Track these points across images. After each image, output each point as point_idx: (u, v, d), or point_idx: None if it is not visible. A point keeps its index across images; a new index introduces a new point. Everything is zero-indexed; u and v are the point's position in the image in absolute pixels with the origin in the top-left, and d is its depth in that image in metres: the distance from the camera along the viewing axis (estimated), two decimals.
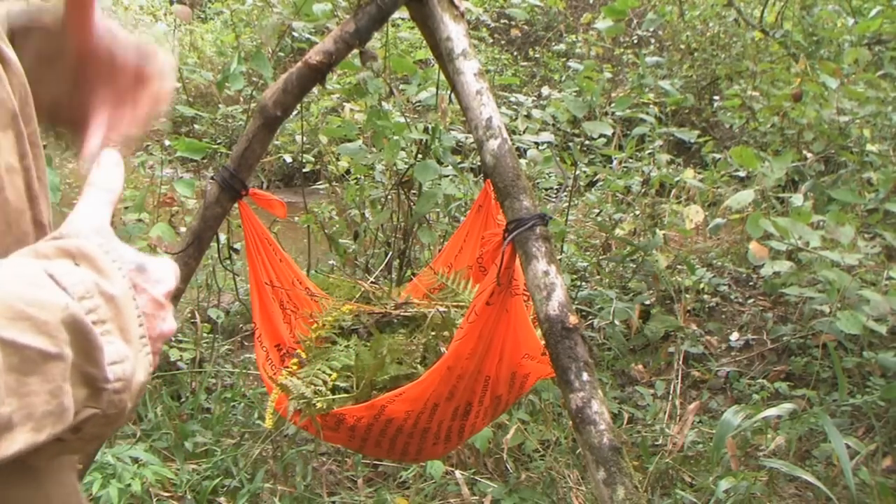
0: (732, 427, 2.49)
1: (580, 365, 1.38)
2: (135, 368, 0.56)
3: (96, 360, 0.53)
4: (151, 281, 0.61)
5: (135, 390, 0.57)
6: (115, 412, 0.55)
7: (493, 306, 1.55)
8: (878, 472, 2.56)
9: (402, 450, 1.76)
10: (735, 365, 3.55)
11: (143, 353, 0.58)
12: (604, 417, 1.35)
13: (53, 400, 0.50)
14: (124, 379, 0.55)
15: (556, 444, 2.72)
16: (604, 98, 3.49)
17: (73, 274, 0.54)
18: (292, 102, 1.90)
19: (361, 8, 1.82)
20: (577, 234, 4.47)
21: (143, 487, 2.24)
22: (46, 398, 0.49)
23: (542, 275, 1.44)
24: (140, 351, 0.57)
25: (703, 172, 4.06)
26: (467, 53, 1.69)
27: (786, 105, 3.73)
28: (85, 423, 0.53)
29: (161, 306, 0.61)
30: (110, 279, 0.56)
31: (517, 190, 1.53)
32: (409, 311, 1.95)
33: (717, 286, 4.12)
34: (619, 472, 1.30)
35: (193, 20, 8.06)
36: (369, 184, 3.62)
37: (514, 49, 7.78)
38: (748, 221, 2.37)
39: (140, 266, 0.61)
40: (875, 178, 3.36)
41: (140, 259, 0.62)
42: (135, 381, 0.56)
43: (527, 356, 1.68)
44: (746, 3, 5.57)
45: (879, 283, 2.63)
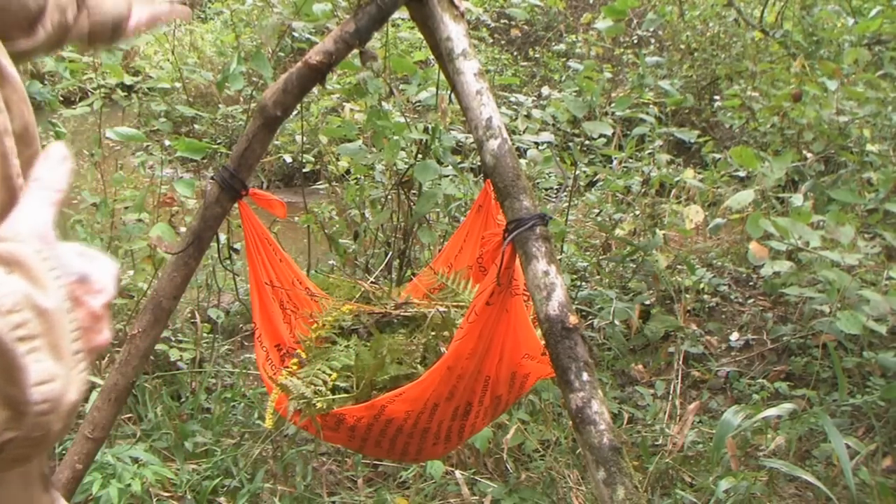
0: (732, 427, 2.49)
1: (580, 365, 1.38)
2: (66, 387, 0.52)
3: (18, 381, 0.49)
4: (93, 292, 0.58)
5: (64, 410, 0.53)
6: (40, 434, 0.52)
7: (493, 306, 1.55)
8: (878, 472, 2.56)
9: (402, 450, 1.76)
10: (735, 365, 3.55)
11: (76, 371, 0.54)
12: (604, 417, 1.35)
13: None
14: (51, 400, 0.51)
15: (556, 444, 2.72)
16: (604, 98, 3.49)
17: (3, 284, 0.50)
18: (292, 102, 1.90)
19: (361, 8, 1.82)
20: (577, 234, 4.47)
21: (143, 487, 2.24)
22: None
23: (542, 275, 1.44)
24: (73, 368, 0.54)
25: (703, 172, 4.06)
26: (467, 53, 1.69)
27: (786, 105, 3.73)
28: (6, 444, 0.50)
29: (99, 318, 0.58)
30: (45, 290, 0.53)
31: (517, 190, 1.53)
32: (409, 311, 1.95)
33: (717, 286, 4.12)
34: (619, 472, 1.30)
35: (193, 20, 8.05)
36: (369, 184, 3.62)
37: (514, 49, 7.78)
38: (748, 221, 2.37)
39: (82, 276, 0.58)
40: (875, 178, 3.36)
41: (83, 267, 0.58)
42: (65, 400, 0.52)
43: (527, 356, 1.68)
44: (746, 3, 5.57)
45: (879, 283, 2.63)
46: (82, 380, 0.55)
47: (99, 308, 0.58)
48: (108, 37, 1.23)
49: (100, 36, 1.21)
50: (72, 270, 0.57)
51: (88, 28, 1.17)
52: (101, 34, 1.21)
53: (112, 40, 1.25)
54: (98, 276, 0.59)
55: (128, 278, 3.43)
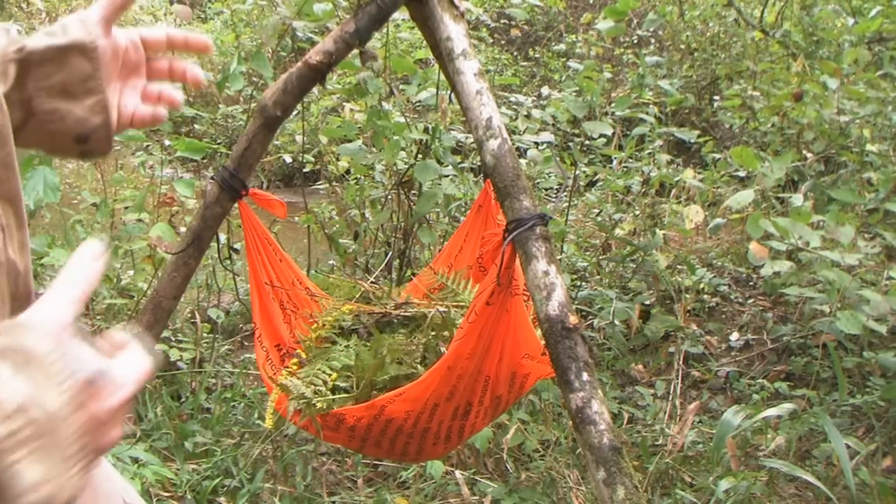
0: (732, 427, 2.49)
1: (580, 365, 1.38)
2: (58, 490, 0.52)
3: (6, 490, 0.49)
4: (106, 391, 0.57)
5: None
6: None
7: (493, 306, 1.55)
8: (878, 472, 2.56)
9: (402, 450, 1.76)
10: (735, 365, 3.55)
11: (71, 472, 0.54)
12: (604, 417, 1.35)
13: None
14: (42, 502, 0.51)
15: (556, 444, 2.71)
16: (604, 98, 3.49)
17: (7, 385, 0.50)
18: (292, 102, 1.90)
19: (361, 8, 1.82)
20: (577, 234, 4.47)
21: (143, 487, 2.24)
22: None
23: (542, 275, 1.44)
24: (67, 472, 0.54)
25: (703, 172, 4.06)
26: (467, 53, 1.69)
27: (786, 105, 3.73)
28: None
29: (106, 421, 0.57)
30: (47, 390, 0.53)
31: (517, 190, 1.53)
32: (409, 311, 1.96)
33: (717, 286, 4.12)
34: (619, 472, 1.30)
35: (193, 20, 8.06)
36: (369, 184, 3.62)
37: (514, 49, 7.78)
38: (748, 221, 2.37)
39: (95, 375, 0.57)
40: (875, 178, 3.36)
41: (97, 365, 0.57)
42: (59, 499, 0.53)
43: (527, 356, 1.68)
44: (746, 3, 5.57)
45: (879, 283, 2.63)
46: (78, 480, 0.54)
47: (111, 408, 0.57)
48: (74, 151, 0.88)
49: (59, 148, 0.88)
50: (85, 370, 0.56)
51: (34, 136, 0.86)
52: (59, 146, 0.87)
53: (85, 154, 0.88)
54: (117, 374, 0.58)
55: (128, 278, 3.44)
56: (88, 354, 0.57)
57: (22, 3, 8.36)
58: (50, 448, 0.52)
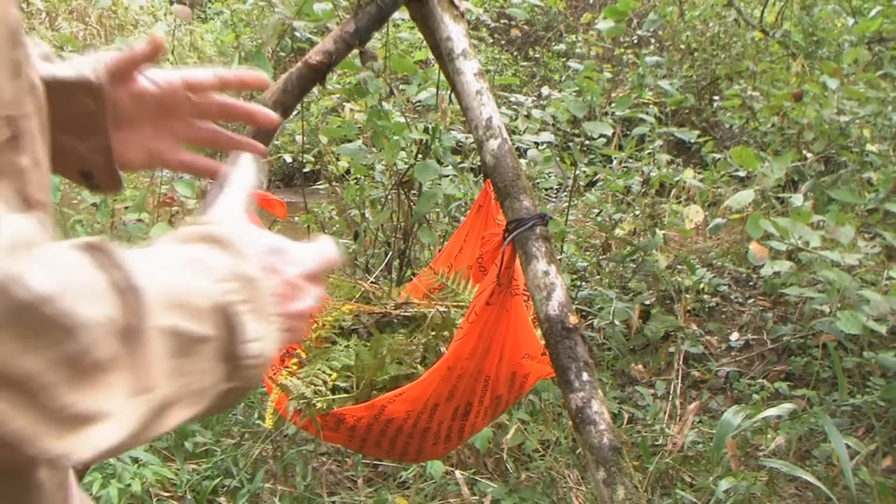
0: (732, 427, 2.49)
1: (580, 365, 1.38)
2: (268, 346, 0.60)
3: (238, 339, 0.57)
4: (287, 263, 0.66)
5: (267, 362, 0.61)
6: (247, 385, 0.59)
7: (492, 306, 1.55)
8: (878, 472, 2.56)
9: (402, 450, 1.76)
10: (735, 365, 3.55)
11: (274, 331, 0.61)
12: (604, 417, 1.35)
13: (204, 378, 0.55)
14: (259, 356, 0.59)
15: (556, 444, 2.71)
16: (604, 98, 3.49)
17: (213, 258, 0.58)
18: (292, 102, 1.90)
19: (361, 8, 1.82)
20: (577, 234, 4.47)
21: (143, 487, 2.24)
22: (198, 377, 0.54)
23: (542, 275, 1.44)
24: (272, 329, 0.61)
25: (703, 172, 4.06)
26: (467, 53, 1.69)
27: (786, 105, 3.73)
28: (225, 394, 0.58)
29: (295, 287, 0.65)
30: (246, 261, 0.60)
31: (517, 190, 1.53)
32: (409, 311, 1.95)
33: (717, 286, 4.12)
34: (619, 472, 1.30)
35: (193, 20, 8.06)
36: (369, 184, 3.62)
37: (514, 49, 7.78)
38: (748, 222, 2.37)
39: (274, 248, 0.66)
40: (875, 178, 3.36)
41: (275, 242, 0.67)
42: (268, 354, 0.60)
43: (527, 356, 1.68)
44: (746, 3, 5.57)
45: (879, 283, 2.63)
46: (278, 338, 0.62)
47: (294, 277, 0.65)
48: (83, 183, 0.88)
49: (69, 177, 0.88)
50: (264, 244, 0.65)
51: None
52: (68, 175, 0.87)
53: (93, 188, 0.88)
54: (292, 250, 0.67)
55: None
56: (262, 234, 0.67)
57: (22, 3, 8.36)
58: (258, 306, 0.59)
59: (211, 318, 0.55)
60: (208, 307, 0.54)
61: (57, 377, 0.44)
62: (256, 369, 0.59)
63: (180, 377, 0.52)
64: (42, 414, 0.44)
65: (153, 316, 0.50)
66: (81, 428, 0.46)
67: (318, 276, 0.68)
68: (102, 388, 0.47)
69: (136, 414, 0.49)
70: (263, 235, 0.67)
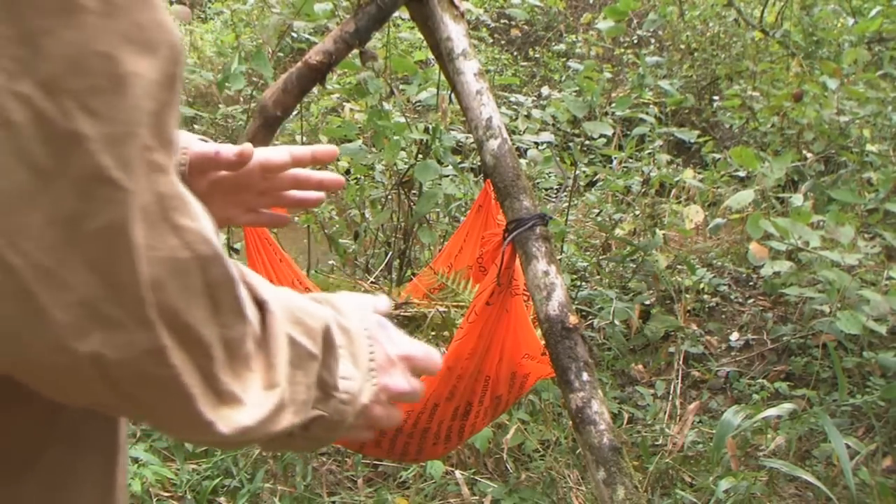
0: (732, 427, 2.49)
1: (580, 365, 1.38)
2: (360, 390, 0.64)
3: (332, 369, 0.61)
4: (388, 338, 0.70)
5: (357, 409, 0.64)
6: (337, 420, 0.62)
7: (492, 306, 1.55)
8: (878, 472, 2.56)
9: (403, 450, 1.76)
10: (735, 365, 3.55)
11: (368, 383, 0.66)
12: (604, 417, 1.35)
13: (307, 392, 0.59)
14: (350, 393, 0.63)
15: (556, 444, 2.71)
16: (604, 98, 3.49)
17: (316, 308, 0.63)
18: (292, 102, 1.91)
19: (361, 8, 1.83)
20: (577, 234, 4.47)
21: (143, 487, 2.24)
22: (304, 389, 0.58)
23: (542, 275, 1.45)
24: (366, 380, 0.66)
25: (703, 172, 4.06)
26: (467, 53, 1.70)
27: (786, 105, 3.73)
28: (313, 422, 0.61)
29: (392, 362, 0.69)
30: (347, 317, 0.66)
31: (517, 190, 1.53)
32: (410, 311, 1.96)
33: (717, 286, 4.12)
34: (619, 472, 1.30)
35: (193, 20, 8.05)
36: (369, 184, 3.62)
37: (514, 49, 7.78)
38: (748, 222, 2.37)
39: (379, 322, 0.71)
40: (875, 178, 3.36)
41: (381, 319, 0.71)
42: (359, 400, 0.64)
43: (527, 356, 1.68)
44: (746, 3, 5.57)
45: (879, 283, 2.63)
46: (372, 392, 0.66)
47: (392, 354, 0.69)
48: None
49: None
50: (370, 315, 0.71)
51: None
52: None
53: None
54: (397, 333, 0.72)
55: None
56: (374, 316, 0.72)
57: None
58: (355, 353, 0.65)
59: (319, 341, 0.60)
60: (318, 330, 0.60)
61: (222, 354, 0.51)
62: (345, 406, 0.62)
63: (293, 384, 0.57)
64: (207, 380, 0.50)
65: (280, 323, 0.56)
66: (229, 405, 0.52)
67: (417, 370, 0.71)
68: (247, 375, 0.53)
69: (265, 405, 0.54)
70: (369, 310, 0.71)
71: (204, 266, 0.48)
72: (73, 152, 0.41)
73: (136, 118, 0.43)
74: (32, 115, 0.40)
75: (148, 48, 0.44)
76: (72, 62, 0.41)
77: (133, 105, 0.43)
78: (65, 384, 0.47)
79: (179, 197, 0.47)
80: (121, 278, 0.44)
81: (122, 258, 0.44)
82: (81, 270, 0.43)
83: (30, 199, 0.41)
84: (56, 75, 0.41)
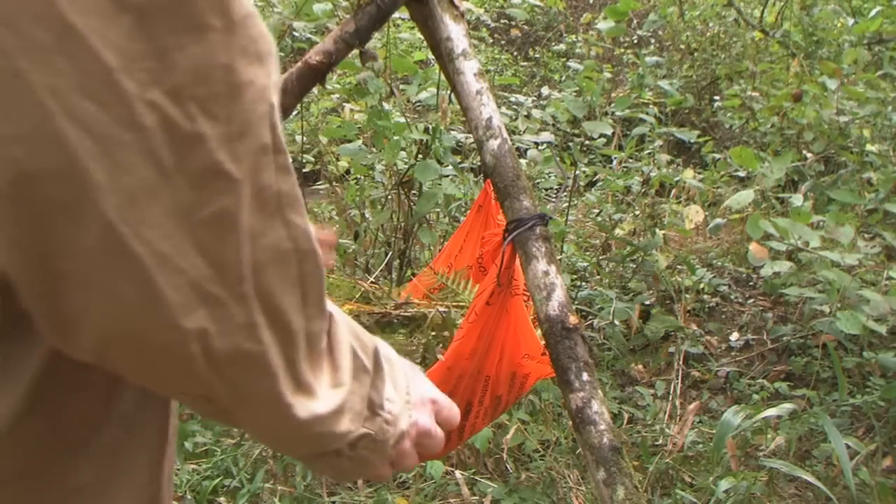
0: (732, 427, 2.48)
1: (580, 365, 1.38)
2: (400, 413, 0.68)
3: (379, 388, 0.65)
4: (421, 380, 0.75)
5: (398, 433, 0.67)
6: (381, 440, 0.65)
7: (493, 306, 1.55)
8: (878, 472, 2.56)
9: None
10: (735, 365, 3.55)
11: (406, 410, 0.69)
12: (604, 417, 1.35)
13: (361, 403, 0.62)
14: (392, 414, 0.66)
15: (556, 444, 2.71)
16: (604, 98, 3.49)
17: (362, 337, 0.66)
18: (292, 102, 1.90)
19: (361, 8, 1.83)
20: (577, 234, 4.47)
21: None
22: (359, 400, 0.62)
23: (542, 275, 1.45)
24: (405, 406, 0.69)
25: (703, 172, 4.06)
26: (467, 53, 1.70)
27: (786, 105, 3.73)
28: (359, 440, 0.63)
29: (423, 402, 0.73)
30: (389, 350, 0.71)
31: (517, 190, 1.53)
32: (409, 311, 1.96)
33: (717, 286, 4.12)
34: (619, 472, 1.30)
35: None
36: (369, 184, 3.62)
37: (514, 49, 7.78)
38: (748, 222, 2.37)
39: (413, 367, 0.77)
40: (875, 178, 3.36)
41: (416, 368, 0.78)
42: (400, 423, 0.67)
43: (527, 356, 1.68)
44: (746, 3, 5.57)
45: (879, 283, 2.63)
46: (409, 422, 0.69)
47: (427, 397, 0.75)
48: None
49: None
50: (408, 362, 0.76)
51: None
52: None
53: None
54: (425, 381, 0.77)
55: None
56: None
57: None
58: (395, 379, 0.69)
59: (370, 357, 0.64)
60: (371, 346, 0.65)
61: (304, 344, 0.55)
62: (388, 426, 0.65)
63: (351, 393, 0.61)
64: (289, 365, 0.54)
65: (343, 332, 0.61)
66: (304, 394, 0.56)
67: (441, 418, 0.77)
68: (320, 370, 0.58)
69: (332, 401, 0.59)
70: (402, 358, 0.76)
71: (302, 259, 0.53)
72: (193, 151, 0.46)
73: (250, 119, 0.48)
74: (160, 120, 0.44)
75: (258, 58, 0.49)
76: (197, 73, 0.45)
77: (247, 108, 0.48)
78: (168, 364, 0.50)
79: (295, 196, 0.52)
80: (225, 257, 0.48)
81: (229, 240, 0.48)
82: (192, 254, 0.47)
83: (152, 193, 0.45)
84: (183, 85, 0.45)
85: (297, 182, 0.52)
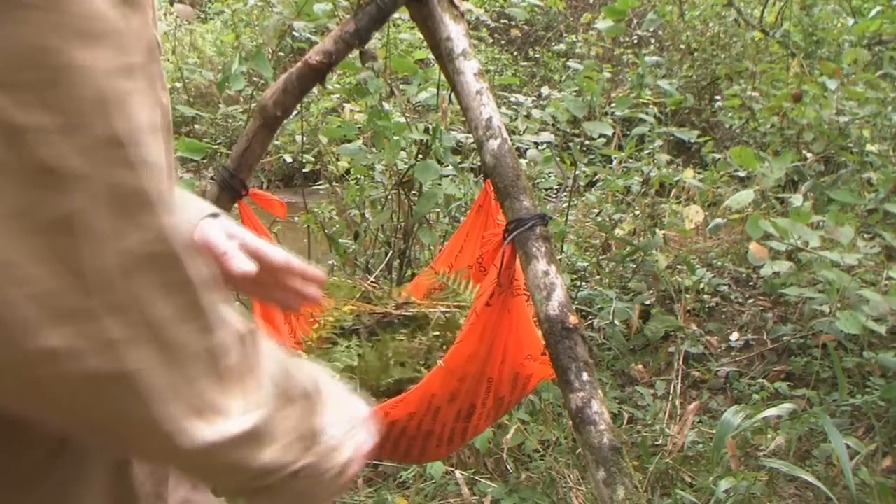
0: (732, 427, 2.49)
1: (580, 365, 1.38)
2: (342, 443, 0.64)
3: (320, 414, 0.62)
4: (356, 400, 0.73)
5: (341, 463, 0.64)
6: (324, 468, 0.62)
7: (493, 307, 1.55)
8: (878, 472, 2.56)
9: (405, 451, 1.76)
10: (735, 365, 3.55)
11: (348, 441, 0.66)
12: (604, 417, 1.35)
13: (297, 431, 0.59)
14: (336, 441, 0.63)
15: (556, 444, 2.71)
16: (604, 98, 3.49)
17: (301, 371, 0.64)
18: (292, 102, 1.91)
19: (361, 8, 1.83)
20: (577, 234, 4.47)
21: None
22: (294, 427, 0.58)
23: (542, 275, 1.45)
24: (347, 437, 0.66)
25: (703, 172, 4.06)
26: (467, 53, 1.70)
27: (786, 105, 3.73)
28: (301, 471, 0.59)
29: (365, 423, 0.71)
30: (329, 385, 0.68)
31: (517, 190, 1.53)
32: (410, 311, 1.96)
33: (717, 286, 4.12)
34: (619, 472, 1.30)
35: (193, 20, 8.05)
36: (369, 184, 3.62)
37: (514, 49, 7.78)
38: (748, 222, 2.37)
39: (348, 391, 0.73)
40: (875, 178, 3.36)
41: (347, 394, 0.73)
42: (341, 453, 0.64)
43: (529, 357, 1.68)
44: (746, 3, 5.57)
45: (879, 283, 2.63)
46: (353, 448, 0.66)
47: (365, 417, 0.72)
48: None
49: None
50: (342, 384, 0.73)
51: None
52: None
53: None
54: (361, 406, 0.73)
55: None
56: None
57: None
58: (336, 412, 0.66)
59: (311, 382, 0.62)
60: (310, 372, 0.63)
61: (199, 361, 0.49)
62: (330, 454, 0.62)
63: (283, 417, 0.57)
64: (180, 383, 0.48)
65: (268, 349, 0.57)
66: (208, 415, 0.50)
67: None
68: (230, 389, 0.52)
69: (246, 422, 0.53)
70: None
71: (174, 264, 0.47)
72: (22, 144, 0.40)
73: (90, 108, 0.42)
74: None
75: (97, 38, 0.42)
76: (19, 57, 0.40)
77: (85, 95, 0.42)
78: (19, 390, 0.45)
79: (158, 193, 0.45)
80: (78, 266, 0.43)
81: (80, 246, 0.43)
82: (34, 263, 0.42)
83: None
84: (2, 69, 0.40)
85: (163, 176, 0.46)
